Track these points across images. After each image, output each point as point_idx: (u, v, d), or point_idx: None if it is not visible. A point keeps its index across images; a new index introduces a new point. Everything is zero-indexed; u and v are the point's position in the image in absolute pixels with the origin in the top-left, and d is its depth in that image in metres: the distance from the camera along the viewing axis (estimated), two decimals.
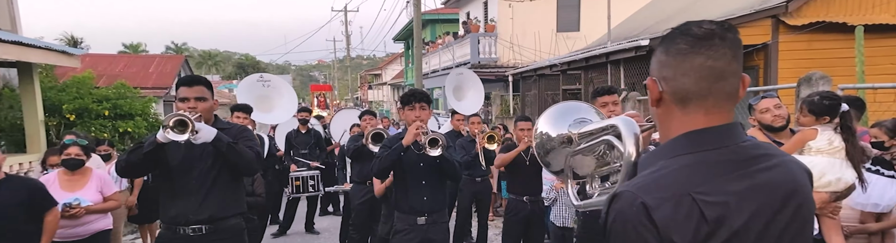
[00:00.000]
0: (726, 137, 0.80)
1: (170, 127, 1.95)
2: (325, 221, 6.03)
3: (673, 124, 0.82)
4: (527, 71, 9.63)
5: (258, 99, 5.42)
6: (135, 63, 13.50)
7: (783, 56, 5.52)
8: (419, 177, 2.64)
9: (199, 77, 2.27)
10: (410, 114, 2.61)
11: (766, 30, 5.56)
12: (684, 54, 0.79)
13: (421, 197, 2.63)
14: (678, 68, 0.80)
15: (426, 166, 2.60)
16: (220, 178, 2.17)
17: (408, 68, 22.37)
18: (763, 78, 5.71)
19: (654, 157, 0.82)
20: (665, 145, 0.83)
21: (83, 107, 5.98)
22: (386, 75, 33.90)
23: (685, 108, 0.80)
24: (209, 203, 2.15)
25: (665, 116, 0.83)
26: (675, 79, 0.80)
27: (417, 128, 2.50)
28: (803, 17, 5.35)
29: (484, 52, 12.04)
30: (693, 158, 0.78)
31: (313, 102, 23.04)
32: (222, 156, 2.10)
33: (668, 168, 0.77)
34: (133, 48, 32.26)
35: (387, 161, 2.55)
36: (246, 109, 4.12)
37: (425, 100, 2.62)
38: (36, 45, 4.68)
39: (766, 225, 0.76)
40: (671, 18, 7.63)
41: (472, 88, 6.33)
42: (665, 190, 0.74)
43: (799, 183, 0.82)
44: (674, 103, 0.81)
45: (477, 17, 13.10)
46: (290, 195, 5.44)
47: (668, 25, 6.34)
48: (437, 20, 16.33)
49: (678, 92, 0.80)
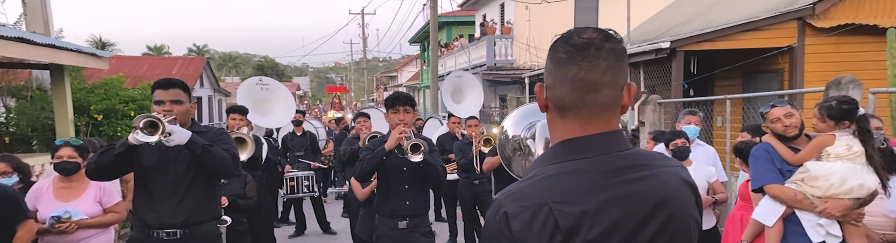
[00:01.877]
0: (601, 146, 0.79)
1: (140, 128, 1.90)
2: (342, 222, 6.06)
3: (555, 132, 0.82)
4: (542, 73, 9.57)
5: (256, 102, 5.42)
6: (158, 65, 13.81)
7: (809, 59, 5.42)
8: (402, 182, 2.61)
9: (175, 80, 2.24)
10: (394, 118, 2.59)
11: (791, 32, 5.47)
12: (562, 64, 0.78)
13: (403, 202, 2.59)
14: (556, 78, 0.79)
15: (409, 170, 2.58)
16: (196, 181, 2.14)
17: (423, 70, 22.44)
18: (788, 81, 5.61)
19: (534, 164, 0.82)
20: (545, 152, 0.83)
21: (110, 108, 6.13)
22: (401, 77, 34.07)
23: (564, 117, 0.80)
24: (184, 206, 2.11)
25: (551, 123, 0.83)
26: (554, 88, 0.80)
27: (401, 132, 2.48)
28: (831, 19, 5.25)
29: (500, 54, 12.03)
30: (563, 167, 0.77)
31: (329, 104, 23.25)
32: (197, 159, 2.07)
33: (540, 176, 0.77)
34: (157, 50, 32.96)
35: (369, 164, 2.52)
36: (241, 111, 4.09)
37: (409, 104, 2.61)
38: (68, 47, 4.81)
39: (626, 238, 0.73)
40: (692, 20, 7.54)
41: (473, 91, 6.31)
42: (527, 199, 0.73)
43: (672, 194, 0.79)
44: (555, 111, 0.81)
45: (493, 20, 13.10)
46: (285, 196, 5.40)
47: (687, 28, 6.28)
48: (452, 22, 16.38)
49: (557, 101, 0.80)
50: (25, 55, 4.29)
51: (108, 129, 6.06)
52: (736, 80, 6.38)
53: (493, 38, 12.06)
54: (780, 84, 5.77)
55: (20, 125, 5.85)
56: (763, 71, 5.96)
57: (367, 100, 40.01)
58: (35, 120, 5.83)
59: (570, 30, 0.81)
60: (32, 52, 4.26)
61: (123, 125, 6.13)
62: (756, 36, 5.52)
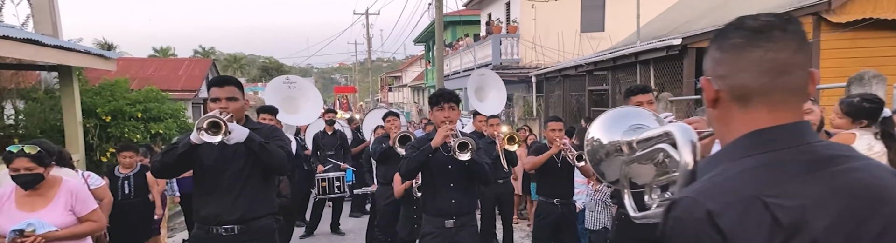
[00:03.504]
0: (796, 136, 0.72)
1: (204, 129, 1.96)
2: (350, 222, 6.04)
3: (733, 125, 0.75)
4: (551, 72, 9.52)
5: (284, 100, 5.50)
6: (165, 66, 13.81)
7: (825, 55, 5.31)
8: (448, 180, 2.59)
9: (230, 77, 2.29)
10: (439, 115, 2.56)
11: (806, 28, 5.30)
12: (740, 48, 0.73)
13: (449, 200, 2.59)
14: (735, 64, 0.73)
15: (455, 168, 2.56)
16: (252, 178, 2.18)
17: (428, 70, 22.40)
18: None
19: (714, 161, 0.75)
20: (726, 148, 0.76)
21: (117, 110, 6.13)
22: (406, 77, 34.04)
23: (746, 107, 0.74)
24: (241, 203, 2.15)
25: (723, 117, 0.77)
26: (733, 76, 0.74)
27: (448, 129, 2.46)
28: (847, 14, 5.15)
29: (506, 53, 11.96)
30: (760, 159, 0.70)
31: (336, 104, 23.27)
32: (254, 156, 2.11)
33: (732, 171, 0.70)
34: (162, 52, 33.12)
35: (415, 162, 2.51)
36: (271, 111, 4.15)
37: (454, 101, 2.58)
38: (77, 49, 4.79)
39: (850, 234, 0.66)
40: (702, 17, 7.44)
41: (494, 89, 6.27)
42: (730, 194, 0.67)
43: (891, 187, 0.70)
44: (732, 102, 0.75)
45: (499, 19, 13.04)
46: (317, 196, 5.44)
47: (698, 25, 6.22)
48: (457, 22, 16.32)
49: (736, 89, 0.74)
50: (35, 56, 4.27)
51: (115, 131, 6.06)
52: None
53: (499, 36, 11.99)
54: None
55: (29, 127, 5.85)
56: None
57: (372, 100, 40.06)
58: (44, 121, 5.82)
59: (737, 18, 0.76)
60: (42, 53, 4.24)
61: (131, 126, 6.13)
62: None
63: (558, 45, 11.42)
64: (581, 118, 8.28)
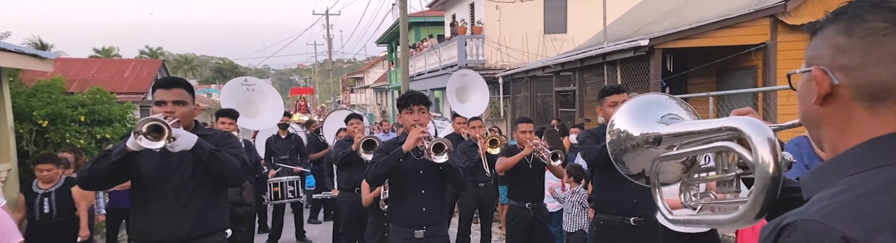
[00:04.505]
0: None
1: (143, 133, 1.73)
2: (316, 229, 5.82)
3: (854, 129, 0.62)
4: (517, 72, 9.53)
5: (242, 103, 5.25)
6: (109, 67, 13.00)
7: (782, 56, 5.51)
8: (418, 186, 2.43)
9: (178, 78, 2.09)
10: (408, 118, 2.43)
11: (764, 30, 5.56)
12: (882, 35, 0.59)
13: (419, 208, 2.42)
14: (871, 54, 0.60)
15: (427, 173, 2.42)
16: (199, 190, 1.97)
17: (391, 71, 22.18)
18: (762, 78, 5.69)
19: (827, 174, 0.62)
20: (843, 157, 0.63)
21: (56, 113, 5.62)
22: (368, 78, 33.69)
23: (876, 107, 0.61)
24: (187, 218, 1.95)
25: (838, 119, 0.64)
26: (865, 69, 0.60)
27: (419, 132, 2.33)
28: (802, 16, 5.35)
29: (471, 54, 11.92)
30: (894, 173, 0.57)
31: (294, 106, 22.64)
32: (203, 166, 1.91)
33: (863, 186, 0.57)
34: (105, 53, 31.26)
35: (383, 167, 2.34)
36: (232, 114, 3.91)
37: (424, 103, 2.45)
38: (7, 48, 4.34)
39: None
40: (663, 19, 7.62)
41: (477, 90, 6.18)
42: (872, 217, 0.53)
43: None
44: (858, 101, 0.61)
45: (463, 19, 13.01)
46: (268, 202, 5.16)
47: (660, 26, 6.33)
48: (421, 23, 16.20)
49: (870, 86, 0.60)
50: None
51: (54, 136, 5.55)
52: (710, 78, 6.45)
53: (464, 37, 11.94)
54: (753, 81, 5.85)
55: None
56: (737, 68, 6.04)
57: (333, 101, 39.42)
58: None
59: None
60: None
61: (73, 131, 5.64)
62: (730, 33, 5.58)
63: (523, 47, 11.48)
64: (548, 119, 8.31)
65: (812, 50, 0.67)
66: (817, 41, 0.66)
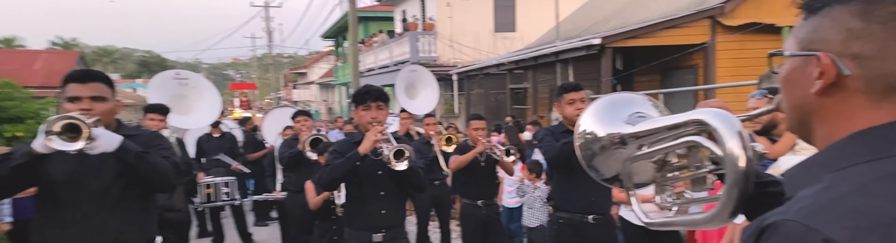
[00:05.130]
0: None
1: (55, 133, 1.49)
2: (264, 232, 5.52)
3: (850, 121, 0.56)
4: (472, 70, 9.58)
5: (174, 99, 4.66)
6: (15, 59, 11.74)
7: (721, 56, 5.87)
8: (377, 188, 2.29)
9: (95, 71, 1.84)
10: (365, 115, 2.25)
11: (704, 30, 5.89)
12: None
13: (378, 211, 2.28)
14: (891, 43, 0.53)
15: (386, 175, 2.28)
16: (124, 197, 1.75)
17: (338, 67, 21.64)
18: (703, 77, 6.05)
19: (812, 169, 0.57)
20: (830, 150, 0.57)
21: None
22: (312, 74, 32.73)
23: (883, 100, 0.55)
24: (108, 229, 1.71)
25: (835, 110, 0.57)
26: (882, 58, 0.54)
27: (377, 133, 2.17)
28: (737, 18, 5.71)
29: (423, 51, 11.85)
30: (885, 167, 0.52)
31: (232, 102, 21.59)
32: (129, 170, 1.68)
33: (849, 183, 0.51)
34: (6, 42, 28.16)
35: (339, 171, 2.18)
36: (162, 110, 3.52)
37: (383, 99, 2.26)
38: None
39: None
40: (610, 19, 7.90)
41: (427, 86, 6.08)
42: (858, 216, 0.48)
43: None
44: (864, 92, 0.55)
45: (415, 15, 12.89)
46: (200, 205, 4.72)
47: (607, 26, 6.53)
48: (371, 18, 15.90)
49: (884, 78, 0.54)
50: None
51: None
52: (655, 76, 6.78)
53: (416, 34, 11.84)
54: (695, 79, 6.20)
55: None
56: (680, 67, 6.37)
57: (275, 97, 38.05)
58: None
59: None
60: None
61: None
62: (674, 33, 5.87)
63: (475, 44, 11.56)
64: (503, 116, 8.43)
65: (812, 31, 0.58)
66: (820, 21, 0.57)
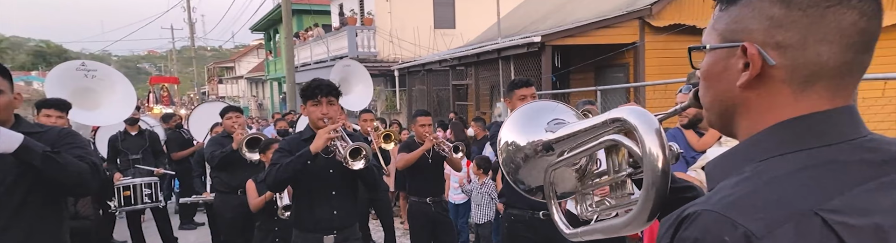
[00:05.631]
0: (849, 126, 0.53)
1: None
2: (191, 236, 5.24)
3: (771, 114, 0.54)
4: (414, 66, 9.56)
5: (78, 93, 4.21)
6: None
7: (649, 55, 6.29)
8: (329, 187, 2.21)
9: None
10: (316, 111, 2.16)
11: (634, 30, 6.27)
12: (825, 7, 0.51)
13: (331, 211, 2.20)
14: (813, 30, 0.51)
15: (338, 173, 2.21)
16: (27, 204, 1.57)
17: (270, 61, 20.74)
18: (634, 75, 6.45)
19: (735, 160, 0.55)
20: (753, 141, 0.55)
21: None
22: (240, 68, 31.13)
23: (805, 91, 0.53)
24: (12, 239, 1.55)
25: (758, 103, 0.55)
26: (805, 48, 0.51)
27: (330, 130, 2.10)
28: (663, 19, 6.14)
29: (362, 46, 11.64)
30: (807, 158, 0.51)
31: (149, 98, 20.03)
32: (34, 172, 1.50)
33: (767, 174, 0.50)
34: None
35: (289, 171, 2.07)
36: (60, 106, 3.11)
37: (334, 94, 2.18)
38: None
39: None
40: (546, 18, 8.19)
41: (361, 82, 5.98)
42: (773, 207, 0.47)
43: None
44: (788, 83, 0.53)
45: (353, 9, 12.61)
46: (117, 209, 4.32)
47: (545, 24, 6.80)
48: (306, 10, 15.31)
49: (806, 66, 0.52)
50: None
51: None
52: (589, 74, 7.13)
53: (354, 28, 11.60)
54: (626, 77, 6.60)
55: None
56: (612, 65, 6.76)
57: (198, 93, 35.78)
58: None
59: None
60: None
61: None
62: (607, 33, 6.21)
63: (415, 40, 11.53)
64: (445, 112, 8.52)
65: (733, 22, 0.55)
66: (740, 11, 0.55)
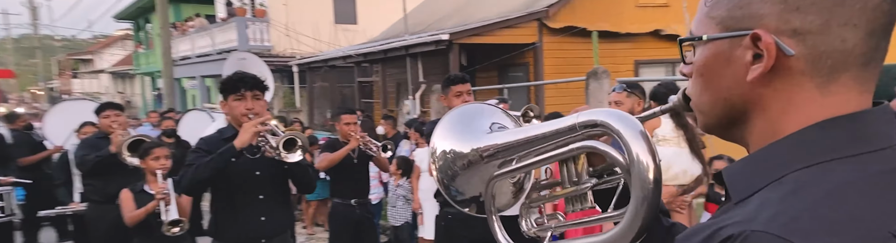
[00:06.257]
0: (893, 126, 0.46)
1: None
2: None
3: (795, 113, 0.47)
4: (315, 61, 9.13)
5: None
6: None
7: (547, 55, 6.69)
8: (255, 191, 2.04)
9: None
10: (239, 107, 1.99)
11: (534, 31, 6.63)
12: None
13: (257, 218, 2.02)
14: (837, 12, 0.44)
15: (266, 175, 2.04)
16: None
17: (140, 53, 18.50)
18: (533, 74, 6.83)
19: (764, 167, 0.46)
20: (783, 146, 0.46)
21: None
22: (101, 61, 27.40)
23: (830, 84, 0.46)
24: None
25: (776, 101, 0.47)
26: (828, 33, 0.45)
27: (258, 124, 1.91)
28: (559, 21, 6.57)
29: (254, 39, 10.84)
30: (858, 167, 0.43)
31: None
32: None
33: (818, 186, 0.42)
34: None
35: (209, 169, 1.87)
36: None
37: (259, 88, 2.02)
38: None
39: None
40: (451, 16, 8.33)
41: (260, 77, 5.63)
42: (841, 229, 0.39)
43: None
44: (810, 76, 0.46)
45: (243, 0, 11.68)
46: None
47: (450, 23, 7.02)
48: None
49: (830, 55, 0.45)
50: None
51: None
52: (493, 72, 7.41)
53: (245, 20, 10.74)
54: (527, 76, 6.97)
55: None
56: (514, 64, 7.08)
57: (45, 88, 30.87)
58: None
59: None
60: None
61: None
62: (510, 33, 6.49)
63: (314, 35, 11.02)
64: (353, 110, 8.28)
65: (737, 7, 0.47)
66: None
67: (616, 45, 6.59)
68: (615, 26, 6.54)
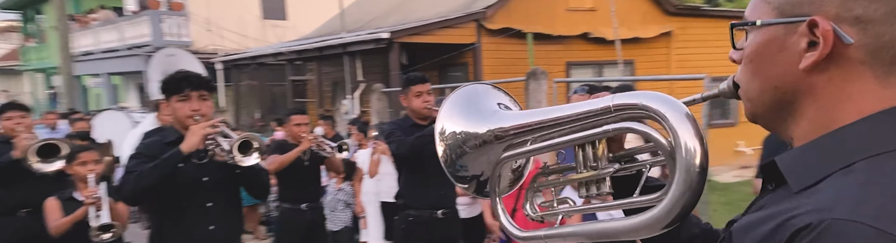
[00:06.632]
0: None
1: None
2: None
3: (851, 104, 0.46)
4: (242, 58, 8.62)
5: None
6: None
7: (485, 55, 6.82)
8: (202, 198, 1.92)
9: None
10: (183, 108, 1.88)
11: (473, 32, 6.73)
12: None
13: (204, 227, 1.91)
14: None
15: (214, 181, 1.92)
16: None
17: (30, 48, 16.51)
18: (473, 74, 6.93)
19: (828, 154, 0.46)
20: (846, 133, 0.46)
21: None
22: None
23: (890, 76, 0.45)
24: None
25: (830, 90, 0.47)
26: (892, 23, 0.44)
27: (208, 126, 1.80)
28: (497, 22, 6.72)
29: (171, 34, 10.03)
30: None
31: None
32: None
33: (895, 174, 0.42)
34: None
35: (151, 178, 1.76)
36: None
37: (206, 87, 1.92)
38: None
39: None
40: (388, 15, 8.23)
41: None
42: None
43: None
44: (869, 66, 0.45)
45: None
46: None
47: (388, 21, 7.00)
48: None
49: (894, 45, 0.44)
50: None
51: None
52: (434, 72, 7.41)
53: (159, 13, 9.90)
54: (466, 76, 7.06)
55: None
56: (454, 64, 7.15)
57: None
58: None
59: None
60: None
61: None
62: (450, 33, 6.54)
63: (240, 30, 10.40)
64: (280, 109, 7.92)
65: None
66: None
67: (549, 47, 6.86)
68: (548, 28, 6.81)
